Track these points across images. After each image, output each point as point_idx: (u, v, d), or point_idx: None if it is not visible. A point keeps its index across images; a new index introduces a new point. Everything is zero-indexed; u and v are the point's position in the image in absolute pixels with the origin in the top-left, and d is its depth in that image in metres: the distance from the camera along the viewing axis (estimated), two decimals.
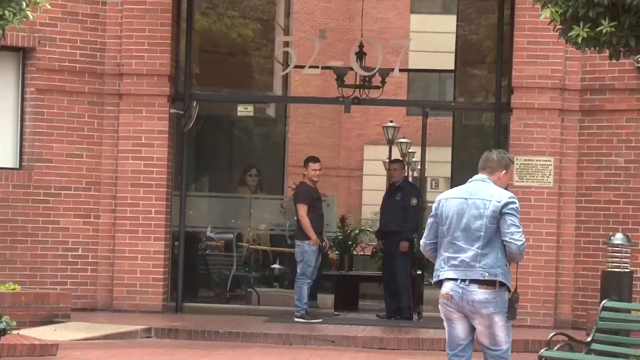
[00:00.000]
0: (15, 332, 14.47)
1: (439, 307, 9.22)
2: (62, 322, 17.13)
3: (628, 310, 12.68)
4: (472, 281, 8.85)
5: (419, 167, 22.56)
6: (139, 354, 15.56)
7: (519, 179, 18.95)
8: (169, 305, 19.26)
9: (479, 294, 8.84)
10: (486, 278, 8.82)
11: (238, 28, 23.03)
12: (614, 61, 15.26)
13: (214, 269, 21.63)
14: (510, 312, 8.94)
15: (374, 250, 23.01)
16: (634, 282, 13.65)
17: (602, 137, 18.57)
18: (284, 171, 24.61)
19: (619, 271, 13.08)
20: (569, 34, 13.58)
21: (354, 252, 23.93)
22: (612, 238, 13.35)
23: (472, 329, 9.02)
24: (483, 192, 9.12)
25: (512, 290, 8.98)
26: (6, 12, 13.48)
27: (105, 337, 16.64)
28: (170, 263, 19.42)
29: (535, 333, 16.58)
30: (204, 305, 20.08)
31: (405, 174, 21.23)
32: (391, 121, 25.96)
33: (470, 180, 9.40)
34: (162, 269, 19.18)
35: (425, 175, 22.20)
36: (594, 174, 18.61)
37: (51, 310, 17.29)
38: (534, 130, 18.77)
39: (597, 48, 13.86)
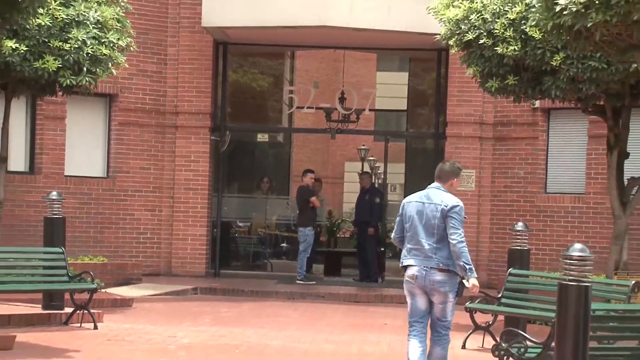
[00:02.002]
0: (103, 290, 14.46)
1: (404, 285, 8.63)
2: (136, 283, 17.13)
3: (526, 276, 12.68)
4: (432, 268, 8.38)
5: (382, 176, 22.51)
6: (189, 305, 15.57)
7: None
8: (209, 271, 19.22)
9: (438, 275, 8.36)
10: (441, 267, 8.37)
11: (258, 80, 23.03)
12: (517, 104, 15.33)
13: (240, 246, 21.64)
14: (459, 291, 8.52)
15: (351, 234, 22.96)
16: (530, 257, 13.62)
17: (509, 156, 18.59)
18: (289, 179, 24.57)
19: (520, 249, 13.01)
20: (486, 85, 13.60)
21: (338, 235, 23.92)
22: (515, 226, 13.29)
23: (430, 302, 8.55)
24: (436, 198, 8.50)
25: (459, 276, 8.52)
26: (98, 70, 13.53)
27: (166, 293, 16.66)
28: (211, 242, 19.39)
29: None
30: (234, 271, 20.07)
31: (372, 181, 21.20)
32: (363, 145, 25.89)
33: (428, 187, 8.81)
34: (205, 247, 19.17)
35: (387, 182, 22.11)
36: (502, 182, 18.64)
37: (128, 275, 17.29)
38: (461, 152, 18.76)
39: (505, 95, 13.88)
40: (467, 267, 8.37)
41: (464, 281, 8.52)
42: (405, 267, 8.53)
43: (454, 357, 11.42)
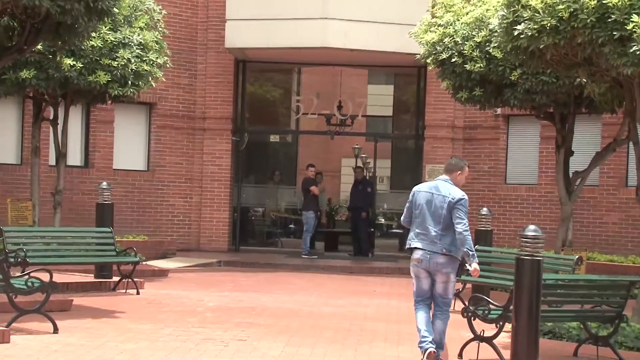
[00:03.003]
0: (144, 262, 14.49)
1: (411, 268, 8.02)
2: (171, 257, 17.19)
3: (490, 252, 12.65)
4: (435, 252, 7.78)
5: (372, 170, 22.51)
6: (214, 275, 15.61)
7: (429, 177, 18.94)
8: (231, 247, 19.25)
9: (440, 258, 7.76)
10: (444, 252, 7.79)
11: (270, 92, 22.98)
12: (482, 111, 15.33)
13: (256, 227, 21.62)
14: (458, 272, 8.06)
15: (347, 217, 22.95)
16: (493, 236, 13.51)
17: (475, 153, 18.59)
18: (296, 172, 24.52)
19: (485, 229, 12.98)
20: (457, 96, 13.59)
21: (336, 218, 23.89)
22: (481, 211, 13.27)
23: (432, 283, 7.99)
24: (444, 190, 7.95)
25: (461, 259, 8.02)
26: (140, 83, 13.59)
27: (195, 265, 16.68)
28: (232, 224, 19.41)
29: None
30: (251, 247, 20.05)
31: (364, 174, 21.20)
32: (357, 145, 25.82)
33: (436, 179, 8.25)
34: (227, 227, 19.20)
35: (376, 174, 22.10)
36: (470, 174, 18.58)
37: (164, 251, 17.35)
38: (437, 150, 18.78)
39: (472, 104, 13.88)
40: (471, 253, 7.91)
41: (467, 265, 8.07)
42: (412, 250, 8.00)
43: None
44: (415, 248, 7.91)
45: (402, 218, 8.24)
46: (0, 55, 11.15)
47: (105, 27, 12.86)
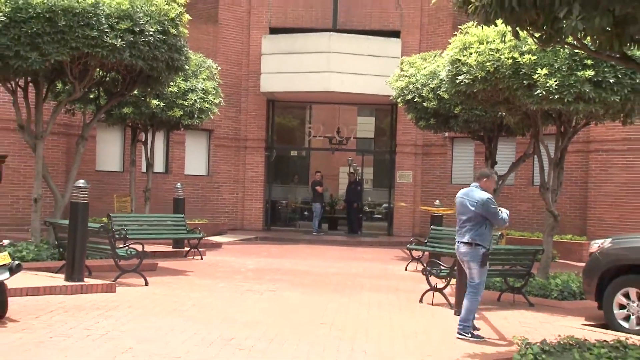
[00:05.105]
0: (205, 238, 14.51)
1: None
2: (223, 234, 17.21)
3: (441, 230, 12.60)
4: (461, 242, 6.71)
5: (361, 174, 22.49)
6: (253, 246, 15.57)
7: (399, 179, 18.97)
8: (264, 227, 19.23)
9: (463, 248, 6.69)
10: (469, 241, 6.66)
11: (291, 121, 22.97)
12: (435, 134, 15.31)
13: (282, 214, 21.59)
14: (482, 261, 6.68)
15: (343, 207, 22.89)
16: (443, 219, 13.51)
17: (430, 163, 18.60)
18: (309, 176, 24.53)
19: (437, 215, 12.96)
20: (418, 124, 13.62)
21: (336, 208, 23.86)
22: (435, 202, 13.22)
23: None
24: (472, 194, 6.76)
25: (486, 249, 6.73)
26: (203, 116, 13.59)
27: (240, 240, 16.68)
28: (265, 211, 19.41)
29: (406, 239, 16.58)
30: (278, 227, 20.05)
31: (355, 177, 21.17)
32: (350, 157, 25.82)
33: (470, 185, 6.96)
34: (262, 214, 19.19)
35: (363, 178, 22.06)
36: (427, 177, 18.63)
37: (219, 230, 17.36)
38: (405, 161, 18.77)
39: (429, 129, 13.89)
40: (505, 218, 6.82)
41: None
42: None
43: (401, 275, 11.47)
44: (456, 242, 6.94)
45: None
46: (109, 98, 11.29)
47: (179, 78, 12.94)
